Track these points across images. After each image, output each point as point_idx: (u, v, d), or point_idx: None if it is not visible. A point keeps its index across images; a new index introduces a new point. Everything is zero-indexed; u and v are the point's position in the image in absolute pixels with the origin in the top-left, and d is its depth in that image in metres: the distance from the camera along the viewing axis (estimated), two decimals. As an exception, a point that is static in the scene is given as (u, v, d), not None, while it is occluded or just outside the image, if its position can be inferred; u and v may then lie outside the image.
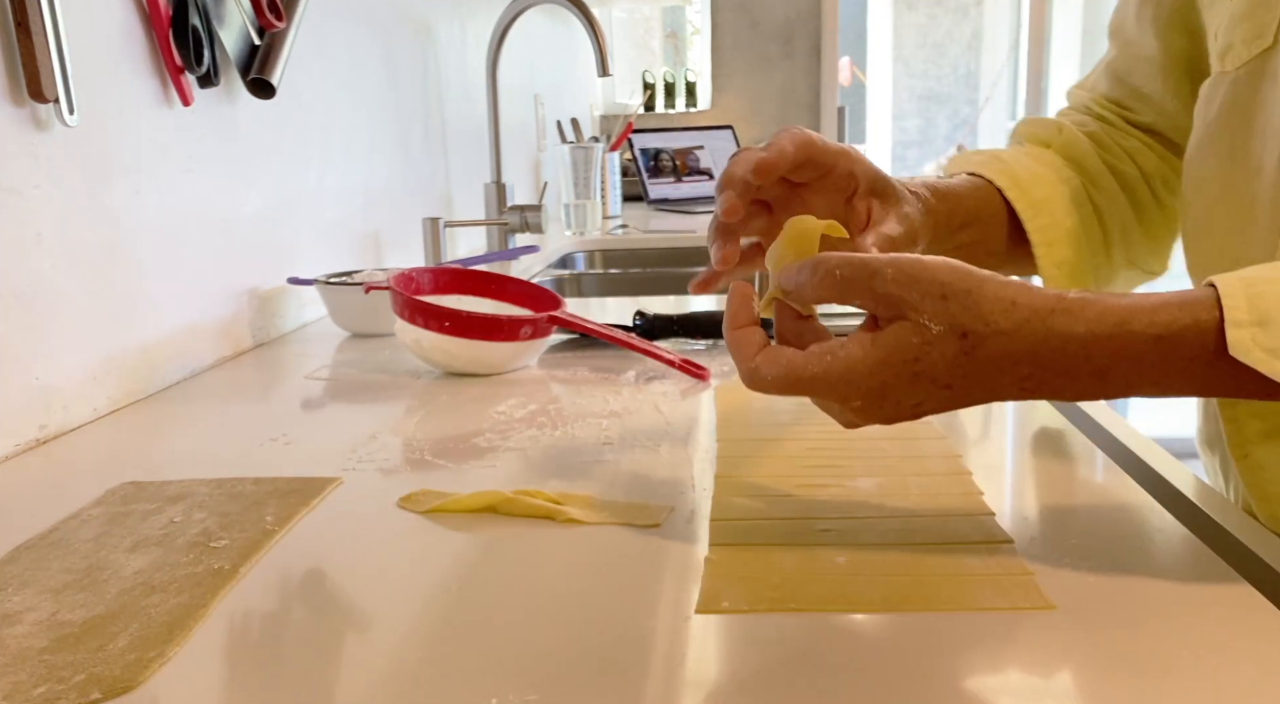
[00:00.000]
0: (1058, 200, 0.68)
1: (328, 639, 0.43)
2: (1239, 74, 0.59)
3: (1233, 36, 0.59)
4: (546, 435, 0.70)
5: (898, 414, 0.46)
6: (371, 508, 0.57)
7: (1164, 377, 0.44)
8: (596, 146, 2.04)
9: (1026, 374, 0.44)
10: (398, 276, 0.88)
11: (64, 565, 0.49)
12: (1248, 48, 0.58)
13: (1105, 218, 0.70)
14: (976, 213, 0.66)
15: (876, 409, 0.46)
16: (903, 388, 0.44)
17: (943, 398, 0.45)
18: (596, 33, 1.59)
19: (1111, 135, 0.72)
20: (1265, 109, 0.57)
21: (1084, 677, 0.38)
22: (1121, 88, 0.74)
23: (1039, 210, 0.67)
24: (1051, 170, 0.69)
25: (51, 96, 0.69)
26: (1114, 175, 0.70)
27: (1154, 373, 0.43)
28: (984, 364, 0.44)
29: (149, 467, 0.65)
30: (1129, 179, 0.71)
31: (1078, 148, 0.70)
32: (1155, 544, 0.50)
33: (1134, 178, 0.70)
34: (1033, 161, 0.70)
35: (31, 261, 0.70)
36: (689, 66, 3.70)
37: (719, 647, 0.41)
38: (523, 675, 0.39)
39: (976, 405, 0.46)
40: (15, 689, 0.38)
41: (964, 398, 0.45)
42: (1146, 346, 0.43)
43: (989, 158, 0.69)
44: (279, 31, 1.01)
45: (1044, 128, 0.73)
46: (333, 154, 1.25)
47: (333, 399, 0.84)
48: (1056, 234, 0.67)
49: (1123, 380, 0.44)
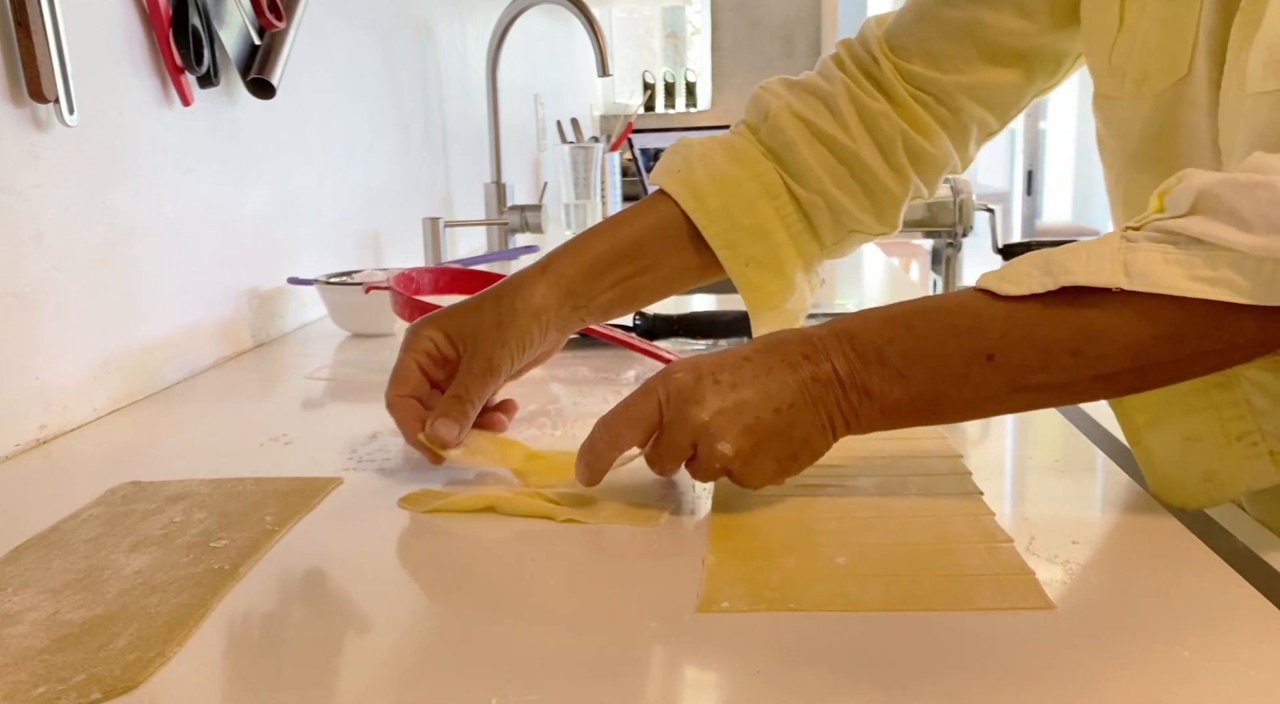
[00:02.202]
0: (740, 200, 0.70)
1: (328, 639, 0.43)
2: (1158, 100, 0.60)
3: (1148, 66, 0.60)
4: (546, 435, 0.70)
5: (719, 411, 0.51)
6: (371, 508, 0.57)
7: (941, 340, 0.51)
8: (596, 146, 2.04)
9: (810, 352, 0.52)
10: (398, 276, 0.88)
11: (64, 565, 0.49)
12: (1165, 77, 0.59)
13: (803, 204, 0.72)
14: (642, 242, 0.69)
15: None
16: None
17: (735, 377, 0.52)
18: (596, 33, 1.59)
19: (857, 96, 0.72)
20: (1187, 132, 0.59)
21: (1084, 677, 0.38)
22: (905, 37, 0.73)
23: (715, 217, 0.69)
24: (743, 167, 0.71)
25: (51, 96, 0.69)
26: (824, 154, 0.71)
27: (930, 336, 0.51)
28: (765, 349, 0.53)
29: (149, 467, 0.65)
30: (846, 152, 0.71)
31: (779, 138, 0.72)
32: (1155, 544, 0.50)
33: (851, 151, 0.71)
34: (725, 160, 0.71)
35: (31, 261, 0.70)
36: (689, 66, 3.70)
37: (719, 647, 0.41)
38: (523, 675, 0.39)
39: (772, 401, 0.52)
40: (15, 689, 0.38)
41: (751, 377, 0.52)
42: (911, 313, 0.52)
43: (679, 163, 0.71)
44: (279, 31, 1.01)
45: (756, 112, 0.74)
46: (333, 154, 1.25)
47: (333, 399, 0.84)
48: (737, 235, 0.70)
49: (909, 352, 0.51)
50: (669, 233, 0.70)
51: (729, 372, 0.52)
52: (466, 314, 0.63)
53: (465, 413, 0.60)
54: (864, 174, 0.72)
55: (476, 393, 0.61)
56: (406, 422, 0.61)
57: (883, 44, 0.73)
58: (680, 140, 0.74)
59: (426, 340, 0.63)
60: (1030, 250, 1.12)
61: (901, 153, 0.72)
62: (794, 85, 0.74)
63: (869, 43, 0.74)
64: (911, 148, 0.72)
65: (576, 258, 0.67)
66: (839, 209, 0.72)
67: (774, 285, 0.72)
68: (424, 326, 0.63)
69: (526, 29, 2.16)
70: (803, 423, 0.52)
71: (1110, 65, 0.64)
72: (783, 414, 0.51)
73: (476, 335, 0.62)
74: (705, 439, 0.52)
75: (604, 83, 3.52)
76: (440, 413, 0.60)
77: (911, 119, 0.72)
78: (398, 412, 0.62)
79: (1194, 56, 0.57)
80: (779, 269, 0.71)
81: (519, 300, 0.63)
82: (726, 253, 0.70)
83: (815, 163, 0.71)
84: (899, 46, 0.73)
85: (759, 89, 0.75)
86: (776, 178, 0.72)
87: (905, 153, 0.72)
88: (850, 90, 0.72)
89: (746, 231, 0.70)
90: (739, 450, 0.51)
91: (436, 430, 0.60)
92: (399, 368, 0.62)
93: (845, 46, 0.76)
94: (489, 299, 0.64)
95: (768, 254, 0.71)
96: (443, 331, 0.63)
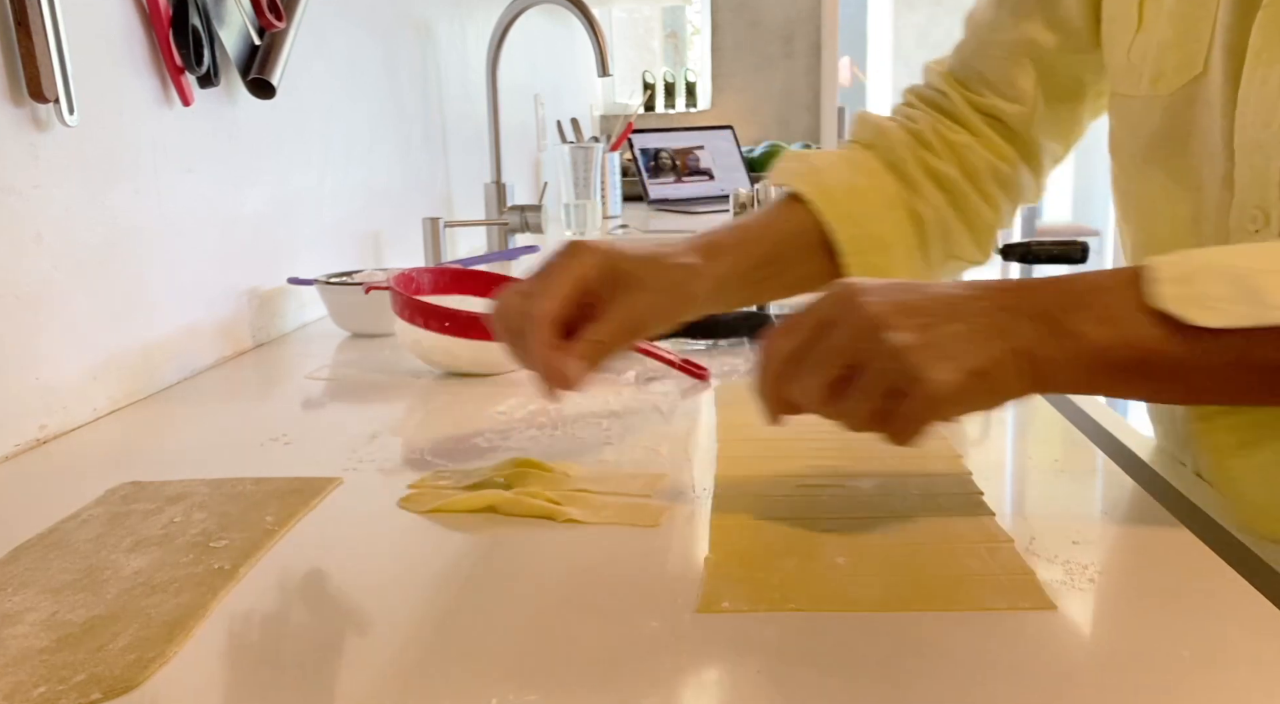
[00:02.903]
0: (868, 209, 0.70)
1: (328, 639, 0.43)
2: (1173, 98, 0.60)
3: (1164, 64, 0.60)
4: (546, 435, 0.70)
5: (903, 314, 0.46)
6: (371, 508, 0.57)
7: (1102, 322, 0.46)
8: (596, 146, 2.04)
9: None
10: (398, 277, 0.88)
11: (64, 565, 0.49)
12: (1179, 75, 0.59)
13: (920, 219, 0.71)
14: (778, 247, 0.68)
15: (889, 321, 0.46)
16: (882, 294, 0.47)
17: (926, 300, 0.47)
18: (596, 33, 1.59)
19: (940, 131, 0.74)
20: (1200, 131, 0.59)
21: (1084, 677, 0.38)
22: (967, 70, 0.75)
23: (846, 221, 0.69)
24: (867, 177, 0.72)
25: (51, 96, 0.69)
26: (933, 178, 0.72)
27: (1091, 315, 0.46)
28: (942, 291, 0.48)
29: (149, 467, 0.65)
30: (948, 180, 0.72)
31: (896, 153, 0.72)
32: (1155, 544, 0.50)
33: (954, 179, 0.72)
34: (850, 170, 0.72)
35: (31, 261, 0.70)
36: (689, 66, 3.70)
37: (719, 647, 0.41)
38: (523, 675, 0.39)
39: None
40: (15, 689, 0.38)
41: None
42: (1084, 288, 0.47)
43: (806, 170, 0.71)
44: (279, 32, 1.01)
45: (869, 129, 0.74)
46: (333, 154, 1.25)
47: (333, 399, 0.84)
48: (866, 243, 0.69)
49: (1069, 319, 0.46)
50: (801, 239, 0.69)
51: (911, 287, 0.48)
52: (630, 261, 0.57)
53: (599, 362, 0.55)
54: (963, 202, 0.72)
55: (616, 344, 0.56)
56: (542, 343, 0.54)
57: (949, 79, 0.75)
58: (790, 151, 0.74)
59: (588, 264, 0.56)
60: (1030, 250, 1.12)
61: (990, 181, 0.73)
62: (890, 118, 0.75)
63: (934, 81, 0.76)
64: (998, 176, 0.73)
65: (737, 256, 0.64)
66: (949, 230, 0.72)
67: None
68: (586, 249, 0.56)
69: (526, 29, 2.16)
70: (985, 345, 0.46)
71: (1127, 63, 0.64)
72: (971, 329, 0.46)
73: (633, 285, 0.56)
74: (879, 328, 0.46)
75: (604, 83, 3.52)
76: (577, 352, 0.54)
77: (993, 148, 0.73)
78: (538, 328, 0.54)
79: (1210, 55, 0.57)
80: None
81: (687, 278, 0.59)
82: (852, 259, 0.69)
83: (925, 183, 0.72)
84: (964, 79, 0.75)
85: (863, 114, 0.76)
86: (897, 192, 0.72)
87: (993, 181, 0.73)
88: (934, 125, 0.74)
89: (873, 240, 0.69)
90: (921, 341, 0.45)
91: (568, 367, 0.54)
92: (553, 280, 0.55)
93: (911, 92, 0.78)
94: (657, 258, 0.59)
95: (886, 265, 0.70)
96: (607, 261, 0.56)
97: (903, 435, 0.47)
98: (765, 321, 0.97)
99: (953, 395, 0.46)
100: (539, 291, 0.55)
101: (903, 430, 0.47)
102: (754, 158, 2.84)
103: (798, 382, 0.48)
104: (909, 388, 0.46)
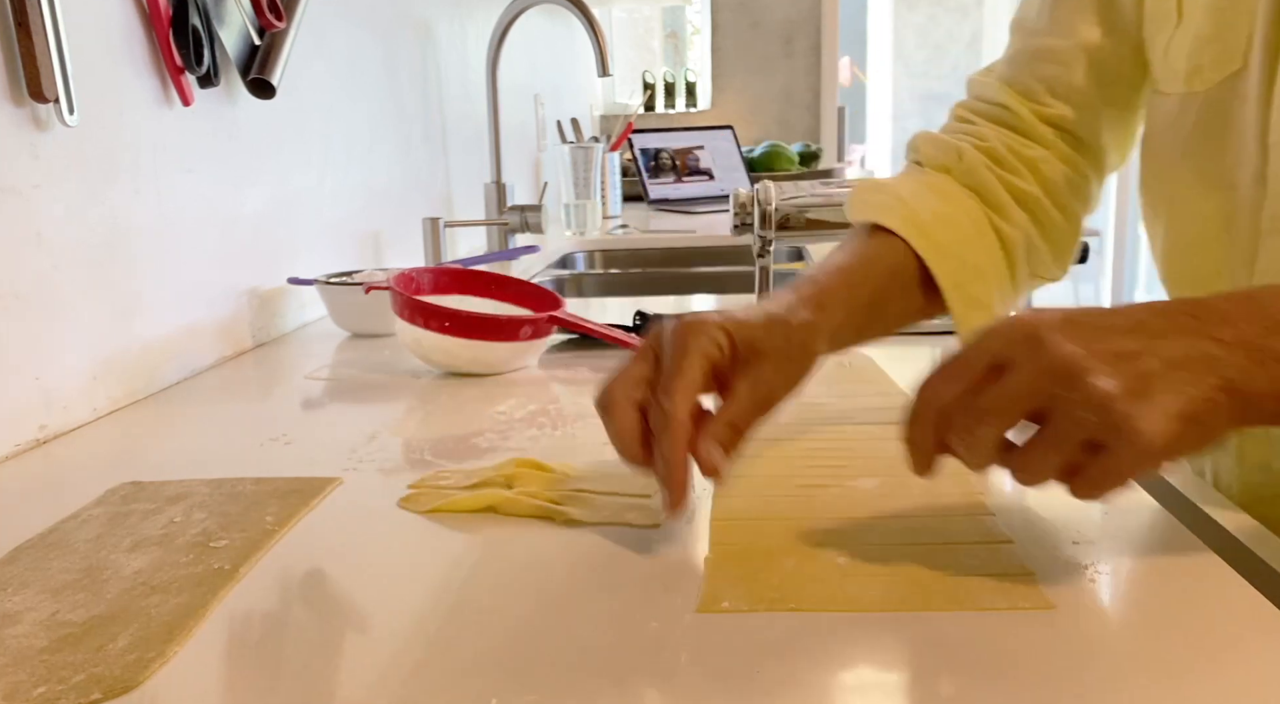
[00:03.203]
0: (962, 238, 0.67)
1: (328, 639, 0.43)
2: (1209, 95, 0.60)
3: (1201, 58, 0.60)
4: (546, 435, 0.70)
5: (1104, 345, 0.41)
6: (371, 508, 0.57)
7: None
8: (596, 146, 2.04)
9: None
10: (398, 277, 0.88)
11: (64, 565, 0.49)
12: (1217, 70, 0.59)
13: (1008, 242, 0.69)
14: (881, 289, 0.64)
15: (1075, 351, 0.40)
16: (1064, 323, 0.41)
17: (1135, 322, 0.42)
18: (596, 33, 1.59)
19: (1013, 147, 0.70)
20: (1237, 128, 0.58)
21: (1084, 677, 0.38)
22: (1027, 78, 0.72)
23: (944, 255, 0.65)
24: (953, 204, 0.68)
25: (51, 96, 0.69)
26: (1017, 197, 0.69)
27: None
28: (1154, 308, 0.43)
29: (149, 467, 0.65)
30: (1030, 198, 0.69)
31: (977, 176, 0.69)
32: (1155, 544, 0.50)
33: (1034, 197, 0.69)
34: (935, 198, 0.68)
35: (31, 261, 0.70)
36: (689, 66, 3.70)
37: (719, 647, 0.41)
38: (523, 675, 0.39)
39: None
40: (15, 689, 0.38)
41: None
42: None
43: (892, 201, 0.66)
44: (279, 31, 1.01)
45: (944, 152, 0.71)
46: (333, 154, 1.25)
47: (333, 399, 0.84)
48: (965, 274, 0.66)
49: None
50: (901, 278, 0.65)
51: (1093, 317, 0.42)
52: (754, 327, 0.53)
53: (737, 445, 0.51)
54: (1045, 218, 0.70)
55: (752, 423, 0.52)
56: (680, 441, 0.48)
57: (1008, 91, 0.71)
58: (868, 181, 0.71)
59: (714, 343, 0.51)
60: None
61: (1067, 194, 0.70)
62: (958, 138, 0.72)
63: (992, 94, 0.72)
64: (1073, 188, 0.71)
65: (847, 304, 0.60)
66: (1035, 249, 0.70)
67: None
68: (706, 328, 0.51)
69: (526, 29, 2.16)
70: (1194, 383, 0.40)
71: (1165, 60, 0.63)
72: (1173, 367, 0.40)
73: (761, 356, 0.52)
74: (1075, 374, 0.40)
75: (604, 83, 3.52)
76: (716, 438, 0.50)
77: (1065, 159, 0.71)
78: (678, 429, 0.48)
79: (1249, 50, 0.57)
80: (990, 314, 0.67)
81: (808, 338, 0.55)
82: (954, 293, 0.65)
83: (1010, 203, 0.69)
84: (1025, 89, 0.71)
85: (928, 135, 0.73)
86: (983, 215, 0.69)
87: (1070, 194, 0.71)
88: (1005, 142, 0.71)
89: (970, 270, 0.66)
90: (1126, 387, 0.40)
91: (713, 457, 0.49)
92: (682, 370, 0.49)
93: (966, 108, 0.74)
94: (776, 322, 0.54)
95: (985, 295, 0.67)
96: (734, 337, 0.52)
97: (1098, 489, 0.42)
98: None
99: (1163, 447, 0.40)
100: (668, 387, 0.49)
101: (1100, 484, 0.42)
102: (754, 158, 2.84)
103: (967, 432, 0.43)
104: (1111, 440, 0.40)
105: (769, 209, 0.98)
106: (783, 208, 0.99)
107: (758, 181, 1.01)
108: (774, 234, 1.00)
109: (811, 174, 2.89)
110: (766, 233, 1.00)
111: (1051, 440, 0.41)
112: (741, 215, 1.00)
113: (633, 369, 0.51)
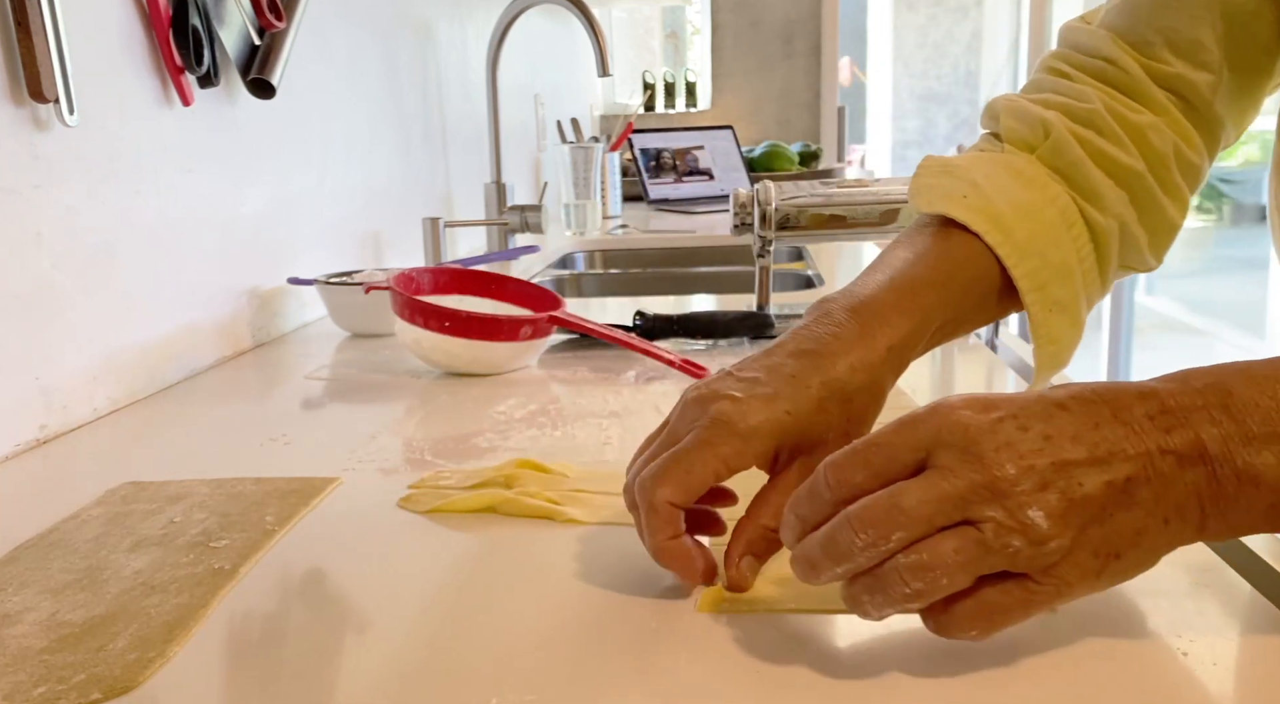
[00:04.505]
0: (1046, 232, 0.58)
1: (328, 639, 0.43)
2: None
3: None
4: (546, 435, 0.70)
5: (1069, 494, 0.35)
6: (371, 508, 0.57)
7: None
8: (596, 146, 2.04)
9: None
10: (398, 277, 0.88)
11: (64, 565, 0.49)
12: None
13: (1100, 234, 0.60)
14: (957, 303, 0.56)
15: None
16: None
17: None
18: (596, 33, 1.59)
19: (1117, 111, 0.60)
20: None
21: (1084, 677, 0.38)
22: (1145, 29, 0.60)
23: (1025, 254, 0.57)
24: (1036, 191, 0.59)
25: (51, 96, 0.69)
26: (1115, 174, 0.60)
27: None
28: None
29: (149, 467, 0.65)
30: (1131, 175, 0.60)
31: (1066, 155, 0.59)
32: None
33: (1137, 173, 0.59)
34: (1015, 183, 0.59)
35: (31, 262, 0.70)
36: (689, 66, 3.70)
37: (719, 647, 0.41)
38: (523, 675, 0.39)
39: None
40: (15, 689, 0.38)
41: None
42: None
43: (967, 187, 0.58)
44: (279, 31, 1.01)
45: (1029, 126, 0.61)
46: (333, 154, 1.25)
47: (333, 399, 0.84)
48: (1047, 274, 0.58)
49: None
50: (978, 292, 0.57)
51: (1039, 418, 0.36)
52: (812, 419, 0.46)
53: (769, 554, 0.45)
54: (1147, 200, 0.60)
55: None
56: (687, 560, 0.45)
57: (1119, 43, 0.61)
58: (934, 160, 0.61)
59: (750, 455, 0.45)
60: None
61: (1176, 171, 0.60)
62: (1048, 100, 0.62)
63: (1096, 45, 0.62)
64: (1183, 163, 0.61)
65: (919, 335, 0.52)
66: (1130, 239, 0.60)
67: (1069, 337, 0.59)
68: (758, 435, 0.45)
69: (526, 29, 2.16)
70: (1139, 508, 0.36)
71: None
72: (1115, 490, 0.36)
73: (814, 448, 0.46)
74: (1006, 501, 0.35)
75: (604, 83, 3.52)
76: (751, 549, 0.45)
77: (1178, 129, 0.61)
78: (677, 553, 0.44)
79: None
80: (1075, 317, 0.59)
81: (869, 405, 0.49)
82: (1034, 296, 0.57)
83: (1105, 185, 0.59)
84: (1139, 43, 0.60)
85: (1011, 102, 0.62)
86: (1070, 202, 0.59)
87: (1180, 170, 0.61)
88: (1110, 105, 0.60)
89: (1055, 270, 0.57)
90: (1054, 529, 0.35)
91: (745, 578, 0.45)
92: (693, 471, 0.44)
93: (1062, 59, 0.64)
94: (833, 397, 0.47)
95: (1069, 297, 0.58)
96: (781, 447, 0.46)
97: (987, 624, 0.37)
98: (765, 322, 0.97)
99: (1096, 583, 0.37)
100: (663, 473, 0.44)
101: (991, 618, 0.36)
102: (754, 158, 2.84)
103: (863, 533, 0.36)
104: (1038, 579, 0.36)
105: (769, 209, 0.98)
106: (783, 208, 0.99)
107: (758, 181, 1.01)
108: (774, 234, 1.00)
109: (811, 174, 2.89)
110: (766, 233, 1.00)
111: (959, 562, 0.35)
112: (741, 215, 1.00)
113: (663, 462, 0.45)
